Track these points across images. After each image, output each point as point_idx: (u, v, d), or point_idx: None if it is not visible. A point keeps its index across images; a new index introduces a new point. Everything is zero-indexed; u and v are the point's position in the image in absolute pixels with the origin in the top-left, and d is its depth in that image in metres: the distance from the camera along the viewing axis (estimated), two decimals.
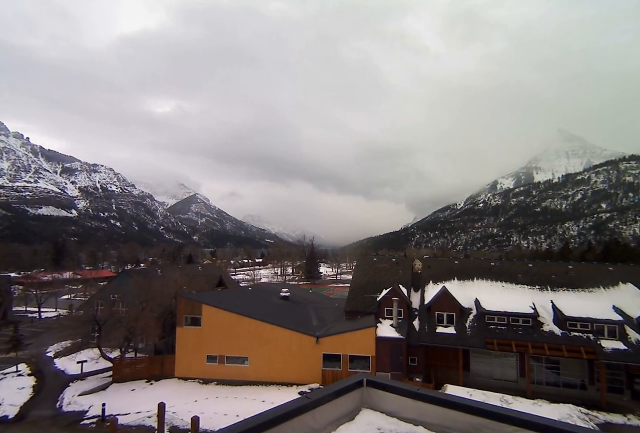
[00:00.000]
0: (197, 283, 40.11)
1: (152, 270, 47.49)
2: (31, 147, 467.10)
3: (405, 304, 28.59)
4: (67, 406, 24.13)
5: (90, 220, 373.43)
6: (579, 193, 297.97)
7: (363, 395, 2.84)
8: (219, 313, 28.05)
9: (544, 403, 21.21)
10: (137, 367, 28.38)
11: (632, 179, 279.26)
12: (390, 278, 32.20)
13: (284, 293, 37.67)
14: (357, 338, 25.93)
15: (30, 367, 31.68)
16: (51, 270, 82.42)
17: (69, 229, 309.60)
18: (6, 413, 23.16)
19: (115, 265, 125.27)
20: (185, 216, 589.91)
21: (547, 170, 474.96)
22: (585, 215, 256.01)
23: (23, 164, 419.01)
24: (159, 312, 31.35)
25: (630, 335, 23.68)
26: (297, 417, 2.30)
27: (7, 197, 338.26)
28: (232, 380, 26.45)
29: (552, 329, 24.90)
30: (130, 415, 21.58)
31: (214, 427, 18.79)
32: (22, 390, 26.84)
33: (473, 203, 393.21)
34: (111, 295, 36.51)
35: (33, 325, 47.43)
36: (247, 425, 2.02)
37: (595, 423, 19.68)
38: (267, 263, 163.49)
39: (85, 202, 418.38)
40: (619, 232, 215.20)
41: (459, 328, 26.20)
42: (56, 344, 36.50)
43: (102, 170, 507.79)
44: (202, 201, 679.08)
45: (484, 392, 21.85)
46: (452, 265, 33.15)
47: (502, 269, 31.63)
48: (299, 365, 26.19)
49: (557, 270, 30.58)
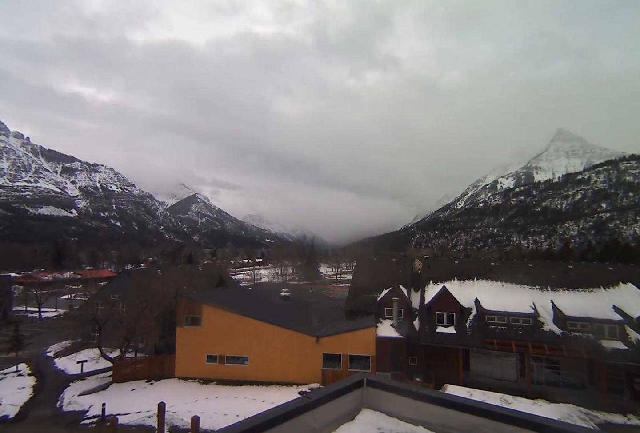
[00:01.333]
0: (197, 283, 40.13)
1: (152, 270, 47.55)
2: (31, 147, 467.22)
3: (406, 304, 28.59)
4: (67, 406, 24.12)
5: (90, 220, 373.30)
6: (579, 193, 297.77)
7: (363, 395, 2.84)
8: (219, 313, 28.05)
9: (544, 403, 21.18)
10: (137, 367, 28.38)
11: (632, 179, 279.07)
12: (390, 278, 32.18)
13: (284, 293, 37.66)
14: (357, 338, 25.93)
15: (31, 366, 31.68)
16: (51, 270, 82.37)
17: (69, 229, 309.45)
18: (6, 413, 23.14)
19: (115, 265, 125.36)
20: (185, 216, 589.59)
21: (547, 170, 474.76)
22: (585, 215, 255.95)
23: (23, 164, 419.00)
24: (159, 312, 31.35)
25: (630, 335, 23.66)
26: (297, 417, 2.29)
27: (7, 197, 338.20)
28: (232, 380, 26.45)
29: (552, 329, 24.89)
30: (130, 415, 21.57)
31: (214, 427, 18.79)
32: (22, 389, 26.83)
33: (473, 203, 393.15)
34: (111, 295, 36.57)
35: (33, 325, 47.42)
36: (247, 425, 2.01)
37: (595, 423, 19.66)
38: (267, 263, 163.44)
39: (86, 202, 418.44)
40: (619, 232, 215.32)
41: (459, 328, 26.19)
42: (56, 344, 36.53)
43: (102, 170, 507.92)
44: (202, 201, 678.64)
45: (484, 392, 21.83)
46: (452, 265, 33.14)
47: (502, 269, 31.62)
48: (299, 365, 26.19)
49: (557, 270, 30.57)
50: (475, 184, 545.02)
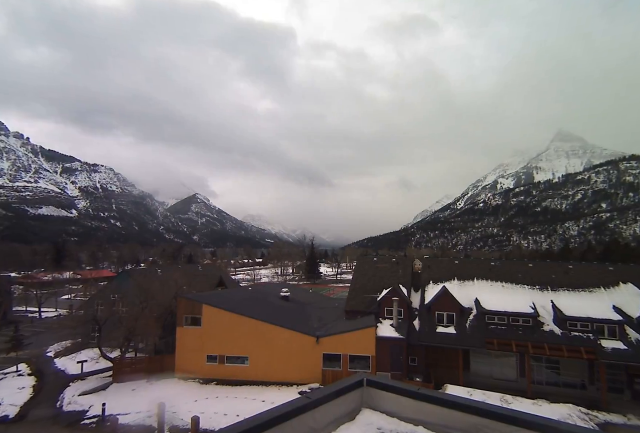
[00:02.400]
0: (197, 283, 40.14)
1: (152, 270, 47.50)
2: (31, 147, 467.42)
3: (405, 304, 28.58)
4: (67, 406, 24.11)
5: (90, 220, 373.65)
6: (579, 193, 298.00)
7: (363, 395, 2.84)
8: (219, 313, 28.05)
9: (544, 403, 21.19)
10: (137, 366, 28.34)
11: (632, 179, 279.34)
12: (390, 278, 32.18)
13: (284, 293, 37.63)
14: (357, 338, 25.92)
15: (31, 366, 31.65)
16: (51, 270, 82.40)
17: (69, 229, 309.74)
18: (6, 413, 23.14)
19: (115, 265, 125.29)
20: (185, 216, 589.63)
21: (547, 170, 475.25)
22: (585, 215, 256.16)
23: (23, 164, 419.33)
24: (159, 312, 31.34)
25: (630, 335, 23.66)
26: (297, 417, 2.29)
27: (7, 197, 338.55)
28: (232, 380, 26.43)
29: (552, 329, 24.89)
30: (130, 415, 21.56)
31: (214, 427, 18.80)
32: (22, 389, 26.81)
33: (473, 203, 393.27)
34: (111, 295, 36.50)
35: (33, 325, 47.38)
36: (247, 425, 2.02)
37: (595, 423, 19.67)
38: (267, 263, 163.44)
39: (85, 202, 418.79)
40: (619, 232, 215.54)
41: (459, 328, 26.19)
42: (56, 344, 36.51)
43: (102, 170, 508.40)
44: (202, 201, 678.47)
45: (484, 392, 21.84)
46: (452, 265, 33.14)
47: (502, 269, 31.61)
48: (299, 365, 26.18)
49: (557, 270, 30.55)
50: (475, 184, 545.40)
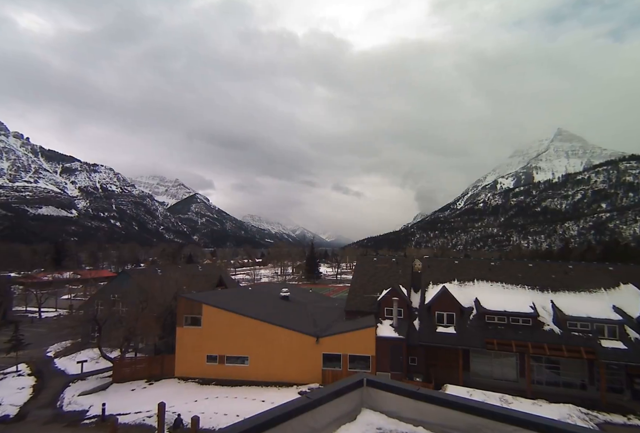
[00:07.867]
0: (197, 283, 40.10)
1: (152, 270, 47.52)
2: (31, 147, 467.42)
3: (405, 304, 28.58)
4: (67, 406, 24.13)
5: (90, 220, 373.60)
6: (579, 193, 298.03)
7: (363, 395, 2.83)
8: (219, 313, 28.04)
9: (544, 403, 21.20)
10: (137, 367, 28.36)
11: (632, 179, 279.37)
12: (390, 278, 32.19)
13: (284, 293, 37.63)
14: (357, 338, 25.92)
15: (31, 367, 31.65)
16: (51, 270, 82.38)
17: (69, 229, 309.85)
18: (6, 413, 23.15)
19: (115, 265, 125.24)
20: (185, 216, 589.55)
21: (547, 170, 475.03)
22: (585, 215, 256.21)
23: (23, 164, 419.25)
24: (159, 312, 31.34)
25: (630, 335, 23.68)
26: (297, 417, 2.29)
27: (7, 197, 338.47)
28: (232, 380, 26.42)
29: (552, 329, 24.89)
30: (130, 415, 21.57)
31: (214, 427, 18.81)
32: (22, 390, 26.81)
33: (473, 203, 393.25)
34: (111, 295, 36.52)
35: (33, 325, 47.36)
36: (247, 425, 2.01)
37: (595, 423, 19.68)
38: (267, 263, 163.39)
39: (85, 202, 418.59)
40: (619, 232, 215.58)
41: (459, 328, 26.19)
42: (56, 344, 36.48)
43: (102, 170, 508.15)
44: (202, 201, 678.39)
45: (484, 392, 21.84)
46: (452, 265, 33.13)
47: (502, 269, 31.61)
48: (299, 365, 26.18)
49: (557, 270, 30.56)
50: (475, 184, 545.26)
